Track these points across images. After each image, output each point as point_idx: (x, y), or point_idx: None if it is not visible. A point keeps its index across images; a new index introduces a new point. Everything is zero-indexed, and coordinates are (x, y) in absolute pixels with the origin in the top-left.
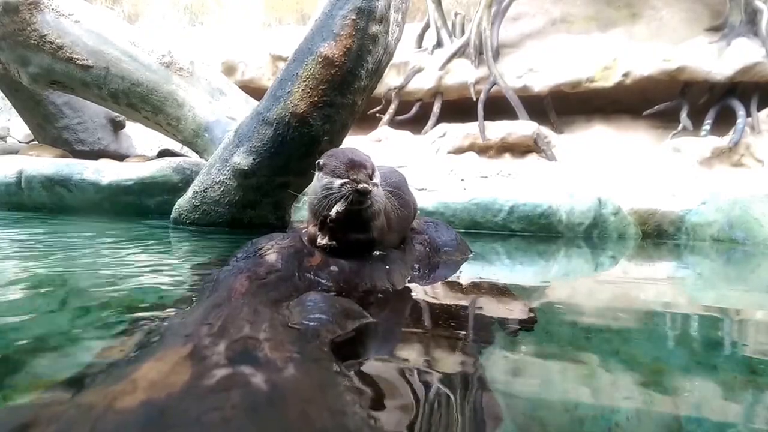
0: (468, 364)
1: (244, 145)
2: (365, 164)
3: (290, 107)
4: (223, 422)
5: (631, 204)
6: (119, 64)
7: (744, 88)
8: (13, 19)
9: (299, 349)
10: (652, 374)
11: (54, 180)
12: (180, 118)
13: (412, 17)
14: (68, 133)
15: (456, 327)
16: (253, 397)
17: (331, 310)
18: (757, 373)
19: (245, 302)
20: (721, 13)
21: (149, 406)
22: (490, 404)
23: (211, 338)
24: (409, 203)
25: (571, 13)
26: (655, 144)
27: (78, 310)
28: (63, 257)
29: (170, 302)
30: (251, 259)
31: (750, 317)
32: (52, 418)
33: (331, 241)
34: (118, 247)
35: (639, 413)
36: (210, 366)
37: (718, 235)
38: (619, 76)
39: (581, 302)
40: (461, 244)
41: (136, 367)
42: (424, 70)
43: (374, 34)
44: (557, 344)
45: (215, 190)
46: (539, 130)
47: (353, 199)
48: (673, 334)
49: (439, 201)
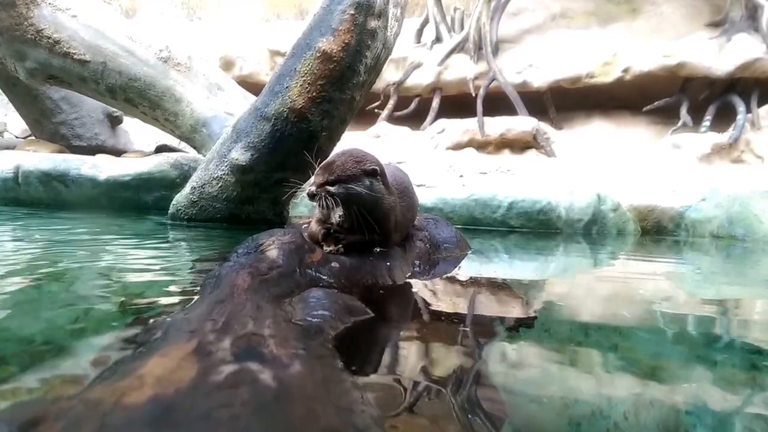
0: (468, 360)
1: (242, 140)
2: (331, 166)
3: (288, 103)
4: (233, 419)
5: (630, 200)
6: (117, 59)
7: (744, 84)
8: (10, 14)
9: (304, 346)
10: (651, 369)
11: (51, 175)
12: (178, 113)
13: (411, 12)
14: (65, 128)
15: (456, 323)
16: (261, 393)
17: (333, 307)
18: (757, 368)
19: (248, 298)
20: (722, 8)
21: (157, 401)
22: (491, 400)
23: (215, 334)
24: (414, 203)
25: (571, 9)
26: (655, 140)
27: (78, 307)
28: (61, 253)
29: (171, 298)
30: (252, 255)
31: (750, 313)
32: (60, 413)
33: (337, 246)
34: (116, 243)
35: (638, 408)
36: (216, 362)
37: (717, 231)
38: (619, 72)
39: (580, 298)
40: (461, 241)
41: (142, 363)
42: (423, 66)
43: (373, 29)
44: (556, 340)
45: (213, 185)
46: (538, 126)
47: (320, 203)
48: (672, 329)
49: (438, 197)
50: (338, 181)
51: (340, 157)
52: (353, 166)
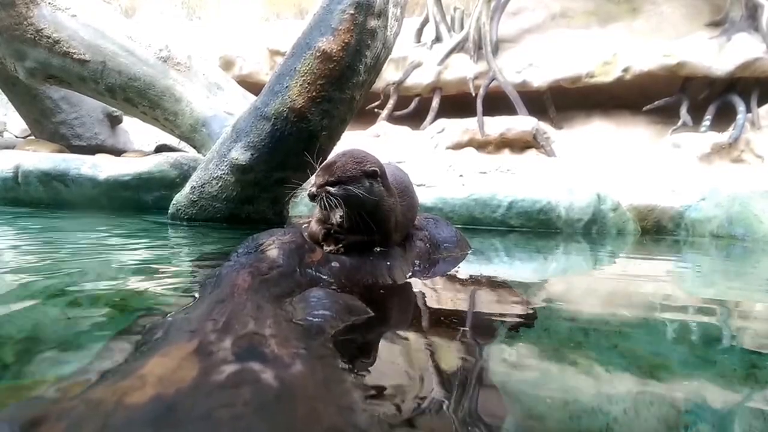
0: (469, 360)
1: (242, 140)
2: (332, 167)
3: (288, 102)
4: (235, 419)
5: (630, 200)
6: (116, 58)
7: (744, 84)
8: (10, 14)
9: (305, 346)
10: (651, 369)
11: (51, 175)
12: (177, 113)
13: (411, 12)
14: (65, 128)
15: (456, 323)
16: (263, 393)
17: (334, 307)
18: (757, 368)
19: (248, 298)
20: (722, 8)
21: (159, 401)
22: (491, 399)
23: (216, 334)
24: (414, 203)
25: (571, 8)
26: (655, 140)
27: (78, 306)
28: (61, 253)
29: (171, 298)
30: (253, 255)
31: (749, 312)
32: (62, 413)
33: (337, 246)
34: (116, 242)
35: (638, 408)
36: (217, 362)
37: (717, 231)
38: (619, 72)
39: (580, 298)
40: (461, 241)
41: (143, 363)
42: (422, 65)
43: (373, 29)
44: (556, 339)
45: (213, 185)
46: (538, 126)
47: (320, 204)
48: (672, 329)
49: (437, 196)
50: (339, 182)
51: (341, 158)
52: (354, 167)
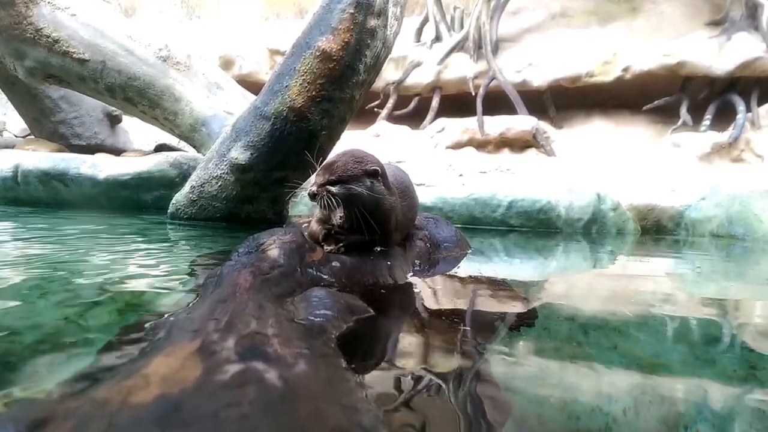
0: (469, 358)
1: (242, 139)
2: (332, 166)
3: (288, 102)
4: (241, 418)
5: (630, 199)
6: (116, 57)
7: (744, 83)
8: (9, 13)
9: (307, 345)
10: (650, 369)
11: (51, 174)
12: (177, 112)
13: (411, 11)
14: (65, 127)
15: (457, 322)
16: (267, 393)
17: (336, 306)
18: (756, 368)
19: (250, 297)
20: (722, 7)
21: (164, 401)
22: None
23: (219, 333)
24: (414, 203)
25: (571, 8)
26: (655, 139)
27: (78, 307)
28: (61, 253)
29: (172, 297)
30: (254, 254)
31: (749, 312)
32: (68, 413)
33: (338, 246)
34: (115, 242)
35: (637, 407)
36: (221, 361)
37: (717, 230)
38: (619, 71)
39: (580, 297)
40: (461, 240)
41: (147, 363)
42: (422, 65)
43: (372, 28)
44: (556, 339)
45: (213, 184)
46: (538, 125)
47: (321, 204)
48: (671, 328)
49: (437, 196)
50: (339, 182)
51: (341, 158)
52: (354, 166)
